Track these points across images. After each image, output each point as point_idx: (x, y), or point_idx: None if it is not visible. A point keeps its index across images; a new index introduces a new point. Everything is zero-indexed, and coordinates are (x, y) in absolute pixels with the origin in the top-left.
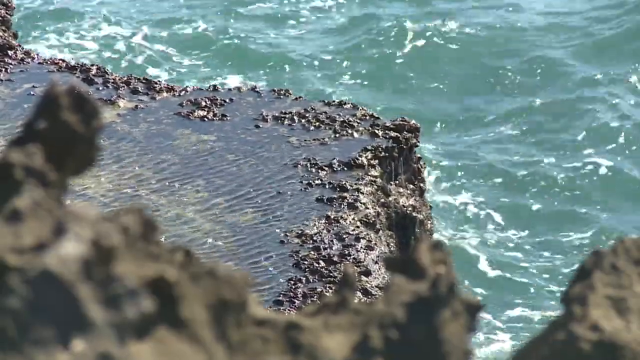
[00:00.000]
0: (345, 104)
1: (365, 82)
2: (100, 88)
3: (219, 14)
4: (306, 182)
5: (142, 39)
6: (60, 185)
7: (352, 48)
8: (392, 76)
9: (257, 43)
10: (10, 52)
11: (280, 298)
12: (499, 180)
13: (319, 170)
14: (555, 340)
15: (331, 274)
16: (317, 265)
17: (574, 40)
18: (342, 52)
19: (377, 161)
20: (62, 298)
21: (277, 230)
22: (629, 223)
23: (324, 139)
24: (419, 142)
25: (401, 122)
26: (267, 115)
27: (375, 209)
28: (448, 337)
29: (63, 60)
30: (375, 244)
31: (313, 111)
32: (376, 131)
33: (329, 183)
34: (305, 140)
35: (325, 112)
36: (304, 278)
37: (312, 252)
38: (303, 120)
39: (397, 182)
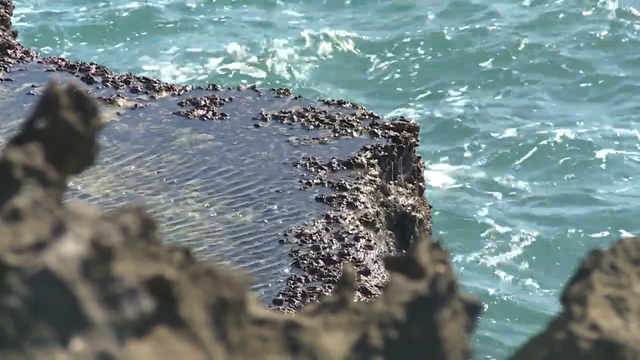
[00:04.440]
0: (344, 103)
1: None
2: (100, 87)
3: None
4: (305, 181)
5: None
6: (60, 184)
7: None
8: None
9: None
10: (9, 51)
11: (280, 297)
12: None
13: (319, 170)
14: (554, 339)
15: (330, 273)
16: (316, 264)
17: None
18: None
19: (376, 160)
20: (61, 297)
21: (276, 230)
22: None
23: (323, 138)
24: (418, 141)
25: (400, 122)
26: (266, 115)
27: (375, 208)
28: (447, 337)
29: (62, 59)
30: (375, 243)
31: (312, 110)
32: (376, 130)
33: (329, 182)
34: (304, 140)
35: (325, 112)
36: (304, 277)
37: (312, 252)
38: (302, 120)
39: (397, 181)
